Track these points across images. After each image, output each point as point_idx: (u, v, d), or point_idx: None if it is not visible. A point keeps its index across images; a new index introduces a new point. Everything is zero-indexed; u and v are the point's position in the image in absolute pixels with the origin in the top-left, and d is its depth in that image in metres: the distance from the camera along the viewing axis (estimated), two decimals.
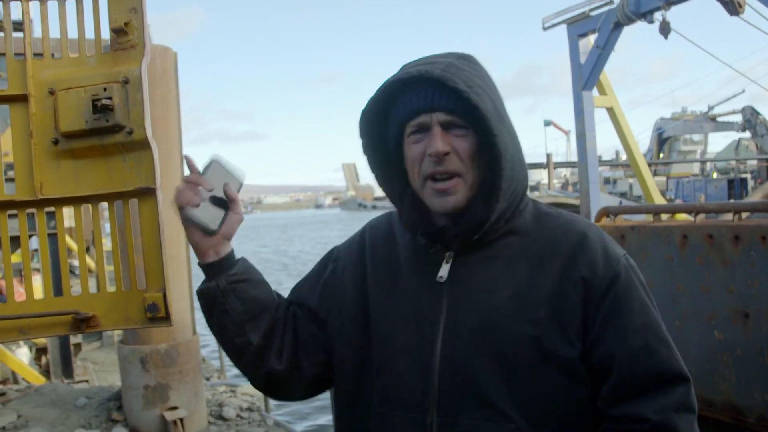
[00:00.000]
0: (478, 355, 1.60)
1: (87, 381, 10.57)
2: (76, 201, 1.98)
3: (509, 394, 1.58)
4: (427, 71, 1.55)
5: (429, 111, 1.57)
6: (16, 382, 10.37)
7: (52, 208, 2.01)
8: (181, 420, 6.86)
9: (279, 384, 1.83)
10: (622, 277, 1.62)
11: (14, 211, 2.00)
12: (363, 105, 1.70)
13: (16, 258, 7.42)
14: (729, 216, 6.66)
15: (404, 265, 1.74)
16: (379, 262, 1.80)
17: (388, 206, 1.79)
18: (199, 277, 1.89)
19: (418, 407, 1.63)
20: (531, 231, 1.68)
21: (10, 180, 2.06)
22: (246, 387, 9.82)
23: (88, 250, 15.01)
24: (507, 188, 1.59)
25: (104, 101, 1.86)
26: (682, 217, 8.34)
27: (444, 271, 1.66)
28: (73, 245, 14.57)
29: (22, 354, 11.03)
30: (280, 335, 1.80)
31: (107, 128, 1.88)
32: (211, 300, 1.74)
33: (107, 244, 12.46)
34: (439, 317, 1.64)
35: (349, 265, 1.85)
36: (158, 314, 1.93)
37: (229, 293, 1.73)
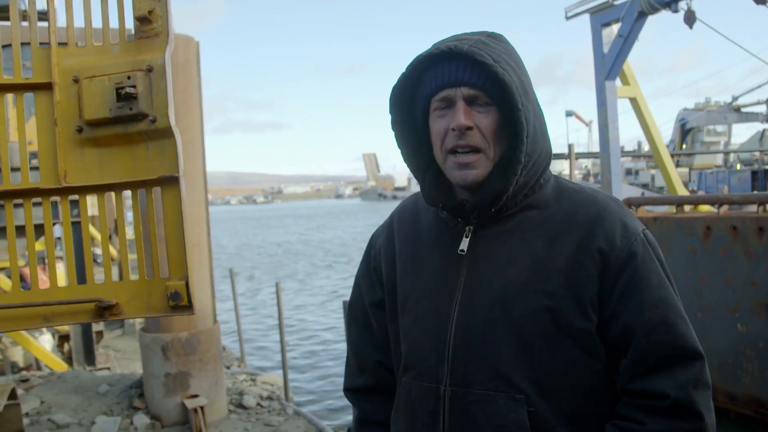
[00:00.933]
0: (492, 326, 1.61)
1: (109, 368, 10.68)
2: (99, 189, 1.99)
3: (522, 366, 1.59)
4: (456, 47, 1.57)
5: (453, 85, 1.60)
6: (39, 368, 10.49)
7: (75, 197, 2.02)
8: (202, 408, 6.91)
9: None
10: (640, 251, 1.61)
11: (38, 199, 2.01)
12: (386, 94, 1.73)
13: (39, 246, 7.49)
14: (753, 208, 6.59)
15: (427, 240, 1.78)
16: (405, 238, 1.84)
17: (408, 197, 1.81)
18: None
19: (432, 376, 1.67)
20: (550, 204, 1.68)
21: (35, 168, 2.07)
22: (266, 376, 9.87)
23: (110, 238, 15.12)
24: (527, 162, 1.60)
25: (128, 89, 1.86)
26: (705, 208, 8.26)
27: (464, 244, 1.68)
28: (96, 234, 14.71)
29: (45, 341, 11.15)
30: None
31: (131, 116, 1.89)
32: None
33: (130, 232, 12.55)
34: (456, 289, 1.67)
35: (383, 246, 1.90)
36: (181, 302, 1.94)
37: None
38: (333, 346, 15.52)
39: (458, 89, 1.59)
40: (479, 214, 1.65)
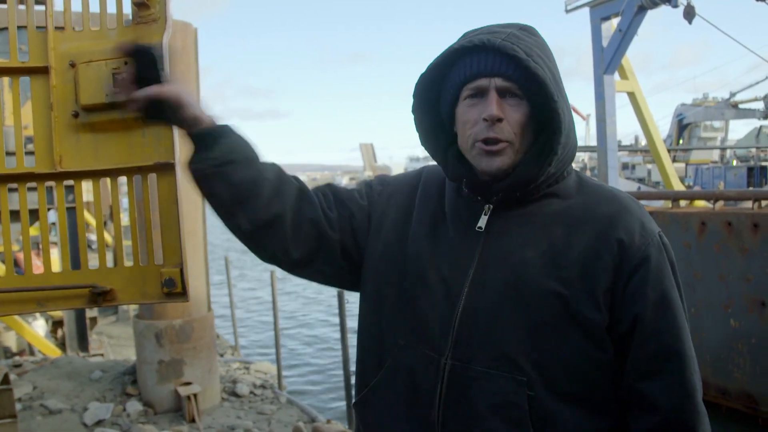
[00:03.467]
0: (502, 306, 1.62)
1: (102, 355, 10.68)
2: (95, 175, 1.98)
3: (527, 348, 1.59)
4: (489, 40, 1.58)
5: (488, 75, 1.61)
6: (32, 354, 10.49)
7: (70, 182, 2.01)
8: (195, 395, 6.92)
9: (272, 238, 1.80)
10: (655, 254, 1.62)
11: (33, 184, 2.00)
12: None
13: (33, 231, 7.47)
14: (748, 204, 6.61)
15: (447, 214, 1.79)
16: (426, 203, 1.83)
17: None
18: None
19: (435, 347, 1.67)
20: (573, 195, 1.70)
21: (30, 153, 2.06)
22: (259, 364, 9.89)
23: (104, 224, 15.10)
24: (561, 153, 1.63)
25: (125, 75, 1.85)
26: (700, 204, 8.28)
27: (483, 222, 1.70)
28: (91, 220, 14.69)
29: (39, 326, 11.15)
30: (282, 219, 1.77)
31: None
32: (198, 180, 1.72)
33: (125, 219, 12.54)
34: (470, 265, 1.67)
35: (397, 193, 1.89)
36: (175, 289, 1.93)
37: (213, 177, 1.70)
38: (327, 335, 15.54)
39: (493, 79, 1.60)
40: (504, 196, 1.67)
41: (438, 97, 1.75)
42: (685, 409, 1.58)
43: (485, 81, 1.61)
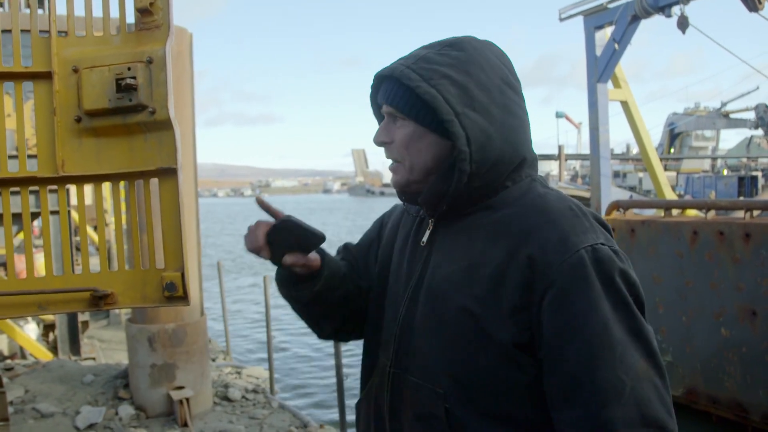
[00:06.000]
0: (426, 319, 1.68)
1: (94, 358, 10.66)
2: (97, 179, 2.00)
3: (445, 362, 1.63)
4: (392, 69, 1.68)
5: (384, 102, 1.73)
6: (23, 357, 10.45)
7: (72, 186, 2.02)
8: (187, 400, 6.91)
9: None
10: (570, 272, 1.49)
11: (35, 188, 2.02)
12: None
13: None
14: (740, 213, 6.65)
15: (407, 228, 1.90)
16: (405, 223, 1.94)
17: (395, 193, 1.85)
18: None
19: (388, 356, 1.77)
20: (507, 207, 1.66)
21: (32, 156, 2.07)
22: (251, 369, 9.88)
23: (95, 228, 15.05)
24: (478, 168, 1.61)
25: (128, 80, 1.87)
26: (692, 213, 8.33)
27: (425, 237, 1.78)
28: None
29: (30, 330, 11.11)
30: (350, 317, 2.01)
31: (130, 107, 1.90)
32: (290, 300, 1.94)
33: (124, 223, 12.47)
34: (411, 279, 1.76)
35: (390, 223, 2.03)
36: (176, 293, 1.95)
37: (312, 302, 1.91)
38: (318, 340, 15.52)
39: (384, 106, 1.74)
40: (428, 209, 1.75)
41: None
42: None
43: (385, 107, 1.74)
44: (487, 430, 1.58)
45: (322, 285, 1.86)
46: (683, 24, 9.62)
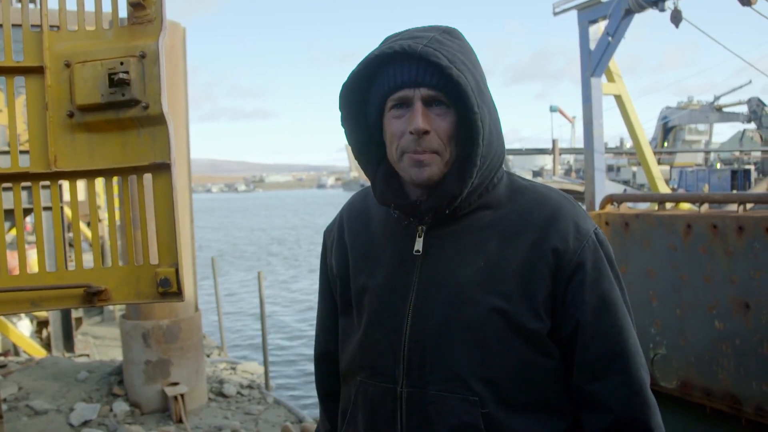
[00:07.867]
0: (447, 327, 1.61)
1: (88, 355, 10.64)
2: (89, 174, 1.98)
3: (476, 367, 1.59)
4: (410, 46, 1.53)
5: (413, 86, 1.56)
6: (17, 354, 10.42)
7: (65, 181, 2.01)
8: (182, 396, 6.91)
9: None
10: (590, 256, 1.62)
11: (28, 183, 2.01)
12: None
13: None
14: (733, 207, 6.67)
15: (379, 239, 1.76)
16: (356, 237, 1.82)
17: None
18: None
19: (390, 377, 1.66)
20: (504, 204, 1.67)
21: (25, 152, 2.06)
22: (246, 365, 9.87)
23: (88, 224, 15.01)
24: (482, 164, 1.59)
25: (121, 75, 1.86)
26: (686, 206, 8.34)
27: (419, 244, 1.67)
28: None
29: (24, 327, 11.08)
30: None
31: (123, 102, 1.89)
32: None
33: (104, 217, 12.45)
34: (410, 290, 1.66)
35: (334, 245, 1.89)
36: (170, 289, 1.94)
37: None
38: (312, 335, 15.51)
39: (418, 90, 1.56)
40: (435, 215, 1.64)
41: (366, 106, 1.70)
42: (634, 405, 1.59)
43: (410, 92, 1.56)
44: (523, 423, 1.61)
45: None
46: (677, 18, 9.61)
